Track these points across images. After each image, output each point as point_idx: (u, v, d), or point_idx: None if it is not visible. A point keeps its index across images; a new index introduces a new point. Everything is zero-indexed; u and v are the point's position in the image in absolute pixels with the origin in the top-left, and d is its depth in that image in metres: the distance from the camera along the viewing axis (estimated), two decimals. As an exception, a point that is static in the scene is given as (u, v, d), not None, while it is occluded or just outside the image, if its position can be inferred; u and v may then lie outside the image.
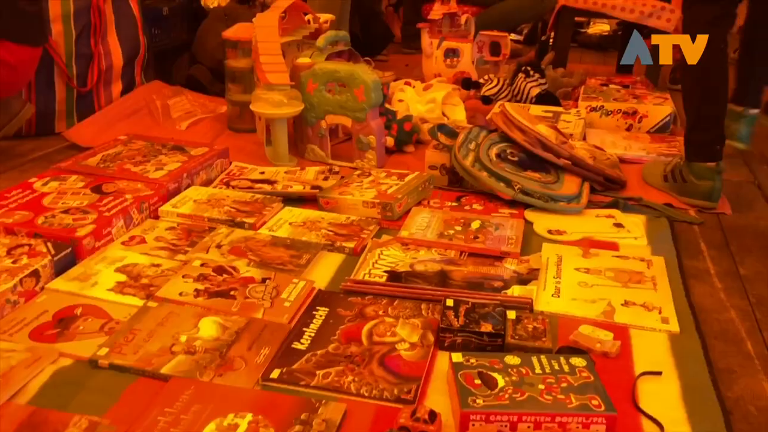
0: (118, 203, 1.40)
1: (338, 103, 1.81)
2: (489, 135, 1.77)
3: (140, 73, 2.27)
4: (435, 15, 2.65)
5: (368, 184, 1.60)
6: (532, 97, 2.28)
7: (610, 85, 2.45)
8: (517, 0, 2.86)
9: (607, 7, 2.75)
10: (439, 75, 2.63)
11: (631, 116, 2.17)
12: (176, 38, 2.63)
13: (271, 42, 1.85)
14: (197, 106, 2.28)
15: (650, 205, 1.63)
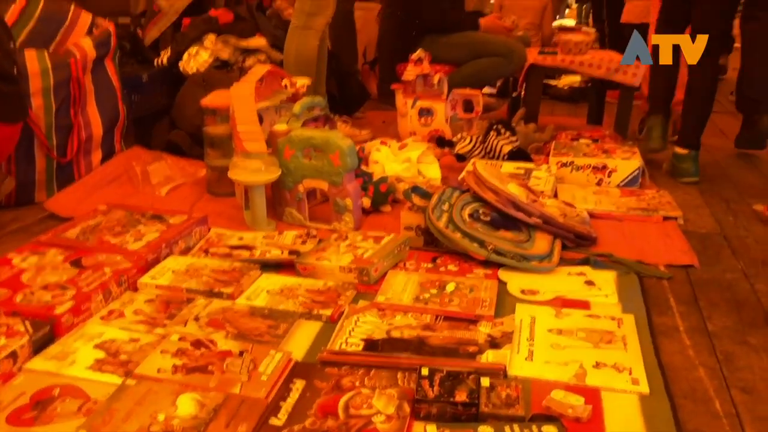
0: (97, 277, 1.42)
1: (315, 168, 1.85)
2: (462, 195, 1.81)
3: (120, 141, 2.31)
4: (408, 76, 2.73)
5: (345, 248, 1.64)
6: (504, 154, 2.35)
7: (580, 139, 2.53)
8: (488, 59, 2.94)
9: (575, 64, 2.86)
10: (414, 133, 2.69)
11: (600, 171, 2.23)
12: (156, 103, 2.68)
13: (247, 111, 1.90)
14: (177, 171, 2.32)
15: (620, 261, 1.68)
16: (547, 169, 2.21)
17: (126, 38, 2.71)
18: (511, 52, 2.91)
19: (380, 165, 2.22)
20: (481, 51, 2.95)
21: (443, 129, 2.67)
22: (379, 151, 2.36)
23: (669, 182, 2.39)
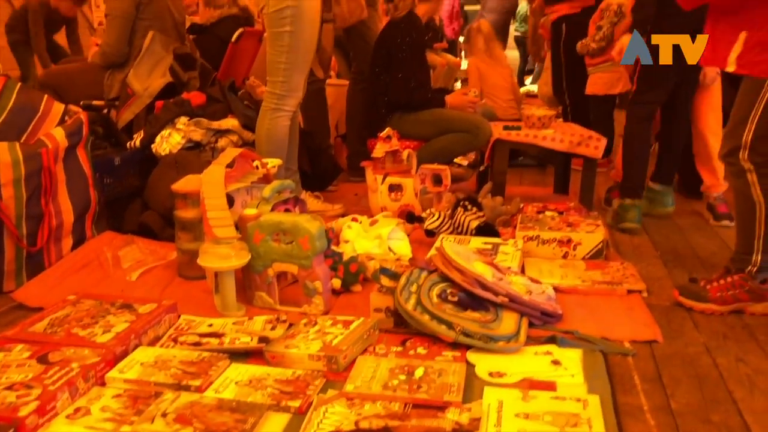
0: (64, 373, 1.41)
1: (284, 251, 1.88)
2: (429, 276, 1.84)
3: (91, 227, 2.32)
4: (378, 153, 2.80)
5: (314, 335, 1.65)
6: (471, 229, 2.40)
7: (546, 212, 2.59)
8: (455, 135, 3.03)
9: (538, 138, 2.96)
10: (385, 208, 2.74)
11: (566, 244, 2.28)
12: (128, 185, 2.71)
13: (217, 197, 1.94)
14: (148, 255, 2.33)
15: (586, 338, 1.71)
16: (513, 244, 2.25)
17: (99, 122, 2.76)
18: (477, 128, 3.00)
19: (351, 244, 2.26)
20: (448, 127, 3.04)
21: (413, 204, 2.73)
22: (350, 228, 2.40)
23: (633, 254, 2.45)
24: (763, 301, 1.92)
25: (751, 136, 1.86)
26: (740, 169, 1.90)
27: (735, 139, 1.90)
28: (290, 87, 2.59)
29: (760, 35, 1.79)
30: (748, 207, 1.91)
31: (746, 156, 1.87)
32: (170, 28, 3.26)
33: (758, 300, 1.91)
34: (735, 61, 1.84)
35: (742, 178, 1.90)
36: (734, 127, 1.91)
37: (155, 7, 3.18)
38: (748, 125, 1.87)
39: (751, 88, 1.88)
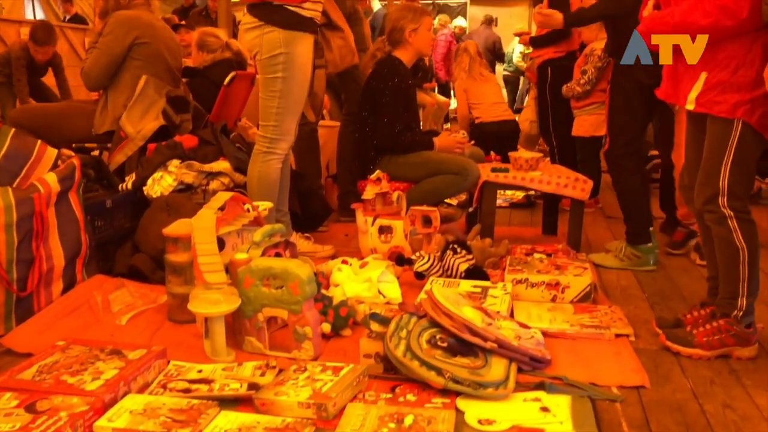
0: (52, 423, 1.40)
1: (274, 296, 1.89)
2: (419, 321, 1.86)
3: (81, 270, 2.33)
4: (368, 195, 2.83)
5: (304, 381, 1.65)
6: (461, 272, 2.42)
7: (534, 254, 2.62)
8: (443, 177, 3.07)
9: (525, 181, 3.00)
10: (375, 250, 2.76)
11: (554, 287, 2.31)
12: (119, 227, 2.72)
13: (207, 243, 1.96)
14: (138, 298, 2.33)
15: (574, 384, 1.72)
16: (502, 287, 2.27)
17: (91, 165, 2.77)
18: (465, 170, 3.04)
19: (340, 287, 2.27)
20: (437, 169, 3.08)
21: (403, 246, 2.75)
22: (340, 271, 2.41)
23: (621, 296, 2.48)
24: (749, 345, 1.94)
25: (727, 182, 1.89)
26: (721, 216, 1.91)
27: (711, 187, 1.92)
28: (282, 131, 2.63)
29: (720, 76, 1.87)
30: (731, 252, 1.93)
31: (725, 202, 1.90)
32: (163, 71, 3.30)
33: (744, 344, 1.93)
34: (695, 100, 1.91)
35: (724, 225, 1.92)
36: (708, 174, 1.94)
37: (149, 50, 3.21)
38: (722, 170, 1.89)
39: (718, 133, 1.90)
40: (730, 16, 1.80)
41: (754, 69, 1.84)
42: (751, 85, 1.84)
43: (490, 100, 4.66)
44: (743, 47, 1.85)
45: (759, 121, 1.87)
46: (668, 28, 1.94)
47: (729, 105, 1.86)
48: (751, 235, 1.92)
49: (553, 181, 2.99)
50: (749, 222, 1.93)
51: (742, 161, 1.89)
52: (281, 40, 2.48)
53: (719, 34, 1.85)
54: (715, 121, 1.91)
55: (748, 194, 1.97)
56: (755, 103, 1.85)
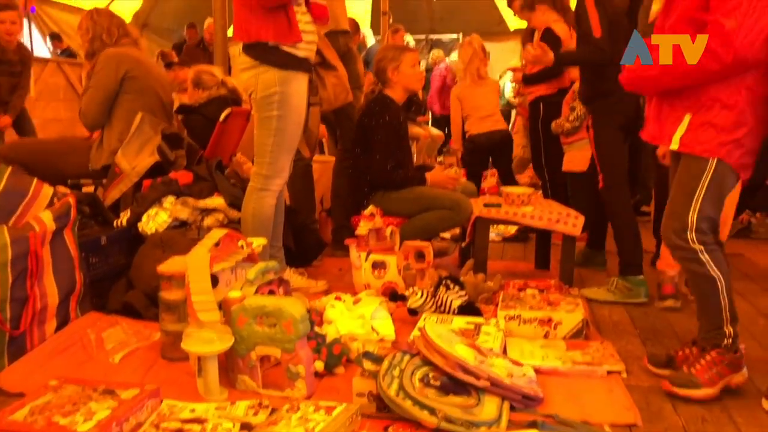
0: (43, 466, 1.40)
1: (267, 335, 1.89)
2: (412, 359, 1.86)
3: (75, 308, 2.33)
4: (361, 231, 2.85)
5: (296, 421, 1.65)
6: (454, 308, 2.43)
7: (527, 290, 2.63)
8: (436, 212, 3.10)
9: (518, 216, 3.03)
10: (369, 286, 2.78)
11: (547, 323, 2.32)
12: (114, 264, 2.72)
13: (201, 281, 1.97)
14: (131, 336, 2.33)
15: (566, 422, 1.72)
16: (495, 324, 2.29)
17: (86, 201, 2.79)
18: (458, 205, 3.07)
19: (334, 325, 2.28)
20: (429, 205, 3.11)
21: (396, 281, 2.76)
22: (334, 308, 2.42)
23: (613, 331, 2.49)
24: (740, 370, 1.96)
25: (696, 216, 1.93)
26: (690, 251, 1.95)
27: (679, 221, 1.96)
28: (276, 168, 2.66)
29: (703, 117, 1.91)
30: (709, 285, 1.97)
31: (694, 237, 1.94)
32: (155, 105, 3.34)
33: (736, 370, 1.95)
34: (679, 140, 1.95)
35: (695, 260, 1.96)
36: (676, 209, 1.98)
37: (140, 84, 3.26)
38: (692, 205, 1.94)
39: (692, 169, 1.95)
40: (716, 60, 1.83)
41: (736, 110, 1.89)
42: (732, 126, 1.89)
43: (481, 113, 4.58)
44: (727, 90, 1.89)
45: (738, 161, 1.92)
46: (656, 71, 1.97)
47: (711, 145, 1.91)
48: (722, 263, 1.97)
49: (545, 216, 3.02)
50: (718, 251, 1.97)
51: (714, 198, 1.93)
52: (276, 80, 2.53)
53: (705, 78, 1.89)
54: (689, 157, 1.96)
55: (715, 230, 1.99)
56: (736, 144, 1.90)
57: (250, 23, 2.50)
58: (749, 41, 1.79)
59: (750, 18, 1.79)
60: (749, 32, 1.79)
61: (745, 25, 1.78)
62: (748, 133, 1.91)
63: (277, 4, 2.46)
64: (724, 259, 1.99)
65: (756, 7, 1.79)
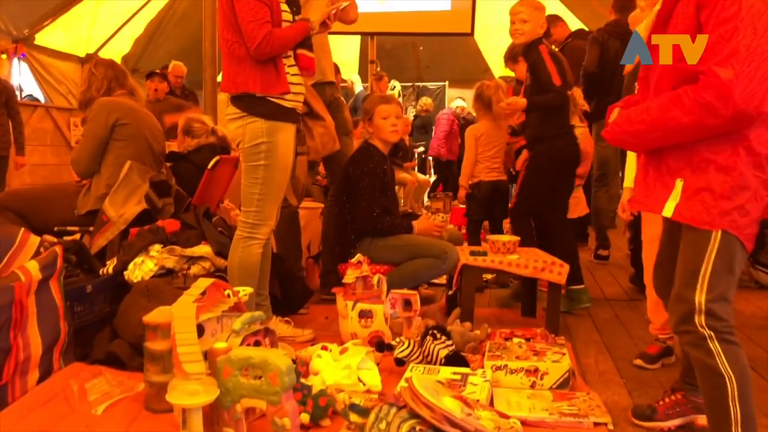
0: None
1: (253, 387, 1.88)
2: (399, 412, 1.85)
3: (59, 359, 2.31)
4: (348, 279, 2.86)
5: (282, 476, 1.63)
6: (441, 359, 2.43)
7: (514, 339, 2.64)
8: (423, 260, 3.12)
9: (503, 264, 3.05)
10: (355, 335, 2.77)
11: (533, 373, 2.32)
12: (99, 312, 2.71)
13: (187, 332, 1.96)
14: (115, 386, 2.30)
15: (553, 476, 1.72)
16: (482, 374, 2.28)
17: (73, 250, 2.79)
18: (445, 253, 3.09)
19: (320, 376, 2.27)
20: (416, 252, 3.14)
21: (383, 330, 2.76)
22: (320, 358, 2.42)
23: (599, 381, 2.49)
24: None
25: (704, 298, 1.66)
26: (699, 337, 1.65)
27: (686, 304, 1.68)
28: (263, 216, 2.67)
29: (698, 183, 1.67)
30: (715, 383, 1.64)
31: (703, 321, 1.65)
32: (146, 152, 3.38)
33: (701, 412, 1.93)
34: (674, 209, 1.70)
35: (703, 347, 1.65)
36: (681, 290, 1.71)
37: (130, 130, 3.30)
38: (698, 285, 1.66)
39: (695, 242, 1.69)
40: (714, 114, 1.58)
41: (735, 173, 1.64)
42: (732, 192, 1.64)
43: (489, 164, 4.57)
44: (722, 150, 1.65)
45: (745, 230, 1.66)
46: (644, 126, 1.72)
47: (712, 216, 1.65)
48: (739, 361, 1.63)
49: (531, 264, 3.04)
50: (734, 344, 1.65)
51: (723, 273, 1.66)
52: (264, 130, 2.57)
53: (701, 134, 1.65)
54: (689, 229, 1.70)
55: (730, 314, 1.69)
56: (740, 212, 1.64)
57: (238, 74, 2.55)
58: (749, 92, 1.56)
59: (748, 66, 1.55)
60: (749, 82, 1.55)
61: (744, 74, 1.55)
62: (752, 198, 1.65)
63: (268, 57, 2.52)
64: (742, 357, 1.65)
65: (755, 52, 1.56)
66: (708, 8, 1.62)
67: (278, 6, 2.56)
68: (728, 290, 1.68)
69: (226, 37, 2.56)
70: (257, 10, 2.47)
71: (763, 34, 1.57)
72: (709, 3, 1.62)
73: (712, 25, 1.61)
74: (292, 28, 2.58)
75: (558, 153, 3.52)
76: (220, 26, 2.59)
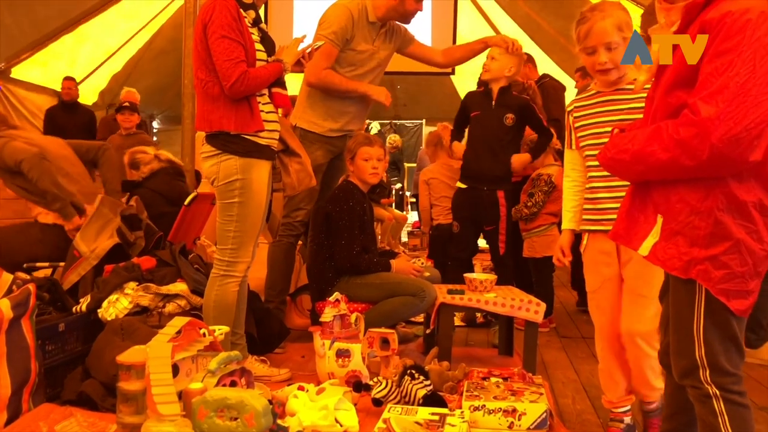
0: None
1: (229, 429, 1.86)
2: (376, 454, 1.84)
3: (28, 400, 2.25)
4: (326, 317, 2.84)
5: None
6: (418, 399, 2.41)
7: (491, 378, 2.63)
8: (401, 298, 3.11)
9: (480, 303, 3.06)
10: (332, 375, 2.74)
11: (511, 414, 2.31)
12: (71, 351, 2.65)
13: (162, 373, 1.93)
14: (86, 428, 2.24)
15: None
16: (460, 414, 2.27)
17: (46, 287, 2.74)
18: (423, 291, 3.10)
19: (296, 417, 2.23)
20: (394, 291, 3.13)
21: (360, 370, 2.73)
22: (297, 398, 2.38)
23: (577, 421, 2.49)
24: None
25: (704, 353, 1.51)
26: (704, 395, 1.52)
27: (687, 359, 1.55)
28: (239, 254, 2.66)
29: (673, 224, 1.53)
30: None
31: (708, 377, 1.51)
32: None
33: None
34: (651, 248, 1.56)
35: (707, 405, 1.52)
36: (680, 343, 1.57)
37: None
38: (695, 340, 1.52)
39: (682, 293, 1.56)
40: (690, 155, 1.43)
41: (711, 219, 1.47)
42: (707, 240, 1.48)
43: (445, 205, 4.62)
44: (699, 192, 1.49)
45: (719, 285, 1.48)
46: (627, 155, 1.58)
47: (682, 262, 1.50)
48: (743, 423, 1.50)
49: (507, 303, 3.06)
50: (741, 406, 1.51)
51: (717, 330, 1.51)
52: (238, 167, 2.58)
53: (679, 174, 1.50)
54: (676, 278, 1.56)
55: (740, 366, 1.54)
56: (714, 263, 1.47)
57: (212, 113, 2.57)
58: (733, 136, 1.37)
59: (736, 106, 1.37)
60: (735, 125, 1.37)
61: (730, 115, 1.37)
62: (733, 251, 1.47)
63: (243, 96, 2.54)
64: (748, 419, 1.51)
65: (749, 93, 1.37)
66: (711, 35, 1.43)
67: (252, 45, 2.59)
68: (730, 342, 1.52)
69: (201, 76, 2.58)
70: (232, 49, 2.50)
71: (763, 75, 1.38)
72: (713, 29, 1.43)
73: (710, 55, 1.43)
74: (266, 68, 2.61)
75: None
76: (195, 66, 2.61)
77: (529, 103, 3.74)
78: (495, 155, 3.71)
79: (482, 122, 3.75)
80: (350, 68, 3.46)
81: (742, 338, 1.55)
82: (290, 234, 3.52)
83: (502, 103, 3.69)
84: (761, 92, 1.37)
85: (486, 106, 3.74)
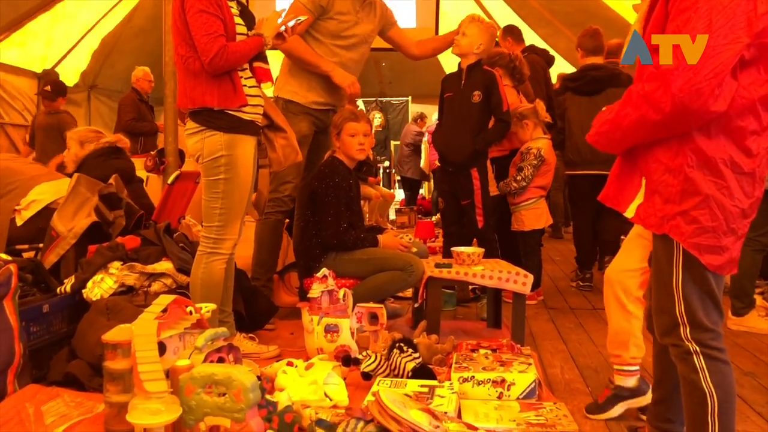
0: None
1: (217, 404, 1.84)
2: (366, 426, 1.84)
3: (13, 381, 2.22)
4: (314, 293, 2.83)
5: (247, 496, 1.59)
6: (408, 371, 2.41)
7: (480, 350, 2.64)
8: (388, 273, 3.11)
9: (468, 276, 3.06)
10: (321, 350, 2.74)
11: (500, 384, 2.32)
12: (56, 332, 2.62)
13: (148, 350, 1.91)
14: (73, 408, 2.23)
15: (522, 486, 1.71)
16: (449, 386, 2.27)
17: (29, 268, 2.71)
18: (410, 266, 3.09)
19: (286, 392, 2.23)
20: (381, 266, 3.12)
21: (349, 345, 2.73)
22: (286, 374, 2.38)
23: (565, 391, 2.51)
24: None
25: (684, 309, 1.57)
26: (685, 351, 1.59)
27: (668, 316, 1.61)
28: (226, 231, 2.64)
29: (652, 183, 1.60)
30: (697, 399, 1.58)
31: (688, 334, 1.57)
32: None
33: None
34: (636, 209, 1.64)
35: (687, 361, 1.58)
36: (661, 300, 1.63)
37: None
38: (675, 297, 1.58)
39: (661, 250, 1.62)
40: (654, 108, 1.48)
41: (681, 176, 1.54)
42: (677, 196, 1.54)
43: None
44: (670, 151, 1.55)
45: (690, 240, 1.54)
46: (608, 126, 1.65)
47: (657, 218, 1.57)
48: (723, 378, 1.56)
49: (495, 275, 3.06)
50: (721, 361, 1.57)
51: (698, 283, 1.57)
52: (222, 143, 2.54)
53: (649, 132, 1.55)
54: (654, 235, 1.63)
55: (719, 323, 1.60)
56: (685, 218, 1.54)
57: (194, 89, 2.53)
58: (692, 86, 1.43)
59: None
60: (694, 75, 1.42)
61: (688, 67, 1.43)
62: (702, 205, 1.52)
63: (223, 71, 2.49)
64: (728, 374, 1.57)
65: (707, 44, 1.42)
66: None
67: (232, 19, 2.54)
68: (708, 298, 1.58)
69: (181, 52, 2.53)
70: (210, 23, 2.45)
71: (719, 28, 1.42)
72: None
73: (672, 15, 1.51)
74: (247, 42, 2.56)
75: None
76: (175, 42, 2.56)
77: (494, 80, 3.60)
78: (462, 135, 3.63)
79: (453, 103, 3.72)
80: (332, 40, 3.41)
81: (721, 295, 1.61)
82: (278, 210, 3.48)
83: (470, 82, 3.65)
84: (719, 44, 1.42)
85: (456, 87, 3.71)
